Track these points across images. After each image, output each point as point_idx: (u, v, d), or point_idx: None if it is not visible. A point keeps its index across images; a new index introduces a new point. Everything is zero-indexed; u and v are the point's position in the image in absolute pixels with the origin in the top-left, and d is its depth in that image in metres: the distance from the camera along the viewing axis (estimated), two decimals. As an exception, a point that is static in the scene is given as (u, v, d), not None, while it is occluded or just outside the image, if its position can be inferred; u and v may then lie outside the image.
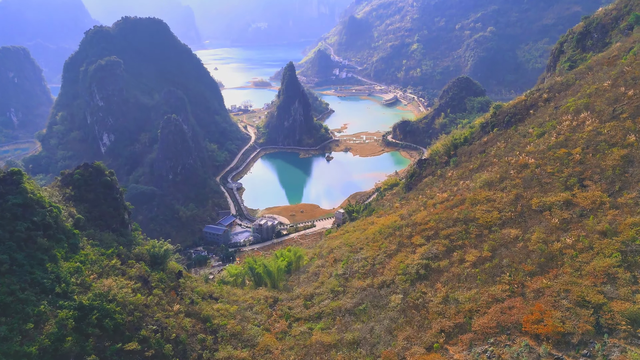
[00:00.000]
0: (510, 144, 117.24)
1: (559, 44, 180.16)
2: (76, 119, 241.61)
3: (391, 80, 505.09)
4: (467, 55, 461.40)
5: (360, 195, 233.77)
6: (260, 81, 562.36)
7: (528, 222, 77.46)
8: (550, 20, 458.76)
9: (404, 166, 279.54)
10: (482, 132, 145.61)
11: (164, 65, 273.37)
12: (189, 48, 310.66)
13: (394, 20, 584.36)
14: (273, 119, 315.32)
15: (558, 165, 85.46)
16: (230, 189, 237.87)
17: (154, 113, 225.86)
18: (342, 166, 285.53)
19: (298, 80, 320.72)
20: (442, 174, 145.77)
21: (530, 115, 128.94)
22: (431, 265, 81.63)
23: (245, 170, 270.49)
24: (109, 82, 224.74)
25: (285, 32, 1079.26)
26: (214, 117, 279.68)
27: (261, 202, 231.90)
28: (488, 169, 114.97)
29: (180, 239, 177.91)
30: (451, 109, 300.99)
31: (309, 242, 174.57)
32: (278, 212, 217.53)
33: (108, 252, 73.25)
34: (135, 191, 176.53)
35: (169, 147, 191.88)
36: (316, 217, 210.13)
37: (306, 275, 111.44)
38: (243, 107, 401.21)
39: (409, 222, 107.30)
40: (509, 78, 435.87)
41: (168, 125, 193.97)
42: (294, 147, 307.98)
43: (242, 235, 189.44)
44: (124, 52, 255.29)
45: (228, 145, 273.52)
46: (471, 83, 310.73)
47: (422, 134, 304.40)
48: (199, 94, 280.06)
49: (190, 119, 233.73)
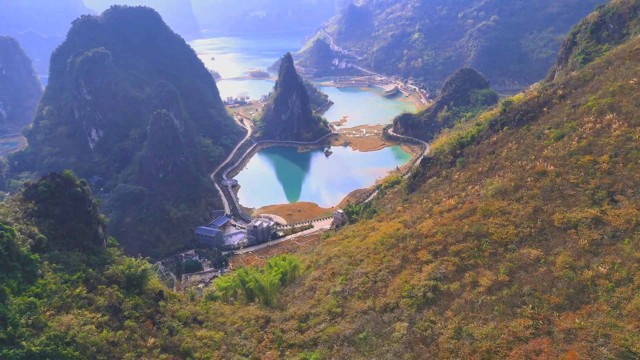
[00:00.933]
0: (524, 145, 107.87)
1: (571, 35, 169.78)
2: (63, 114, 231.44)
3: (392, 71, 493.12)
4: (470, 45, 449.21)
5: (360, 193, 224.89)
6: (258, 72, 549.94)
7: (550, 242, 68.57)
8: (556, 9, 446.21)
9: (405, 161, 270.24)
10: (490, 131, 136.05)
11: (156, 56, 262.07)
12: (182, 38, 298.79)
13: (394, 9, 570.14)
14: (270, 112, 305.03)
15: (582, 175, 76.28)
16: (224, 186, 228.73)
17: (144, 107, 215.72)
18: (341, 161, 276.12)
19: (296, 72, 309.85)
20: (447, 176, 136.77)
21: (544, 114, 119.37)
22: (440, 287, 72.89)
23: (241, 166, 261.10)
24: (96, 74, 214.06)
25: (284, 21, 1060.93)
26: (208, 110, 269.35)
27: (257, 200, 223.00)
28: (499, 174, 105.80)
29: (171, 242, 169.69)
30: (454, 102, 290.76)
31: (306, 245, 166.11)
32: (274, 211, 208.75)
33: (73, 278, 64.36)
34: (123, 191, 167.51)
35: (159, 144, 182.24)
36: (314, 217, 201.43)
37: (302, 289, 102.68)
38: (240, 99, 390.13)
39: (414, 232, 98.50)
40: (512, 68, 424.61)
41: (158, 120, 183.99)
42: (292, 141, 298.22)
43: (237, 236, 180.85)
44: (113, 43, 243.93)
45: (223, 139, 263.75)
46: (475, 75, 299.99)
47: (424, 128, 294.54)
48: (192, 86, 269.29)
49: (182, 113, 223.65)
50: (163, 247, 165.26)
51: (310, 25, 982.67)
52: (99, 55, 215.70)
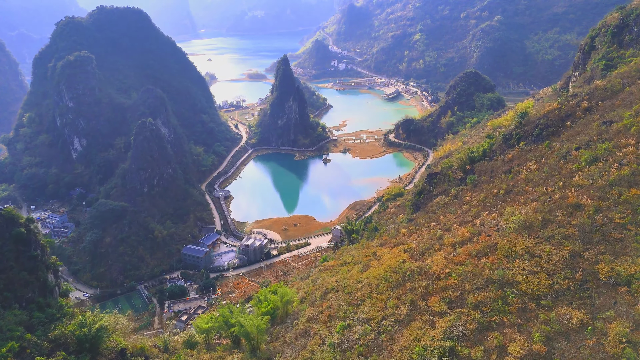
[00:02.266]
0: (546, 167, 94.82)
1: (589, 39, 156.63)
2: (45, 121, 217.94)
3: (392, 73, 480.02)
4: (473, 46, 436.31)
5: (360, 205, 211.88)
6: (255, 73, 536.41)
7: (597, 301, 55.68)
8: (561, 9, 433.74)
9: (407, 169, 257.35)
10: (505, 146, 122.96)
11: (144, 59, 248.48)
12: (172, 40, 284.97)
13: (395, 9, 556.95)
14: (266, 117, 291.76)
15: (630, 214, 63.26)
16: (216, 198, 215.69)
17: (130, 114, 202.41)
18: (340, 169, 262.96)
19: (293, 75, 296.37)
20: (457, 195, 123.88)
21: (567, 129, 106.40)
22: (458, 351, 59.94)
23: (235, 175, 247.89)
24: (79, 79, 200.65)
25: (282, 21, 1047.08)
26: (200, 116, 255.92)
27: (251, 212, 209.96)
28: (519, 199, 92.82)
29: (155, 263, 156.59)
30: (459, 107, 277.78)
31: (302, 268, 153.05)
32: (269, 225, 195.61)
33: (2, 352, 51.04)
34: (103, 208, 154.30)
35: (144, 155, 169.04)
36: (311, 233, 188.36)
37: (294, 332, 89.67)
38: (235, 103, 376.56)
39: (422, 268, 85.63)
40: (517, 70, 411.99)
41: (142, 130, 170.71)
42: (289, 147, 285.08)
43: (227, 256, 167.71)
44: (98, 46, 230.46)
45: (216, 147, 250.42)
46: (480, 78, 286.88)
47: (427, 134, 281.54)
48: (183, 90, 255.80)
49: (171, 120, 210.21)
50: (146, 269, 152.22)
51: (309, 25, 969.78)
52: (81, 60, 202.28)
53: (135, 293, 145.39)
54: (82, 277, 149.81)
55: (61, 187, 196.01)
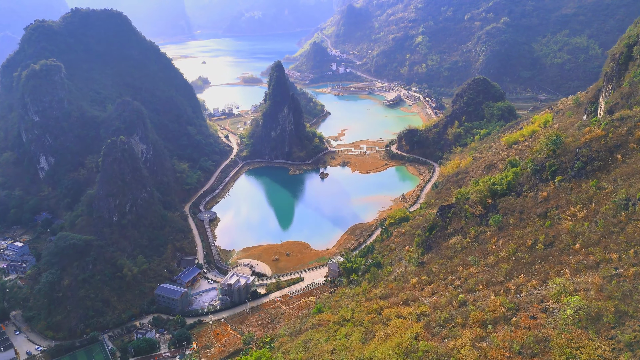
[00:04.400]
0: (601, 218, 73.65)
1: (625, 47, 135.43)
2: (10, 137, 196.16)
3: (393, 77, 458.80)
4: (478, 49, 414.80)
5: (361, 230, 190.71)
6: (250, 77, 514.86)
7: None
8: (571, 10, 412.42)
9: (411, 185, 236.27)
10: (535, 179, 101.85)
11: (124, 67, 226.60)
12: (156, 46, 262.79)
13: (396, 10, 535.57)
14: (258, 127, 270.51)
15: None
16: (201, 221, 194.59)
17: (104, 130, 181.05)
18: (338, 185, 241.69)
19: (287, 82, 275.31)
20: (478, 238, 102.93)
21: (619, 163, 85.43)
22: None
23: (223, 192, 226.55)
24: (45, 91, 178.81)
25: (280, 22, 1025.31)
26: (186, 128, 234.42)
27: (239, 237, 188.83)
28: (566, 260, 71.87)
29: (124, 306, 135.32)
30: (466, 117, 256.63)
31: (293, 313, 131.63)
32: (258, 254, 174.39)
33: None
34: (63, 243, 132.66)
35: (114, 180, 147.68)
36: (305, 264, 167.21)
37: None
38: (227, 110, 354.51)
39: (442, 356, 64.75)
40: (525, 75, 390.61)
41: (112, 151, 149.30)
42: (283, 161, 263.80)
43: (208, 295, 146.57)
44: (70, 52, 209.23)
45: (203, 162, 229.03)
46: (489, 85, 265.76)
47: (433, 146, 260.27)
48: (167, 100, 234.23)
49: (150, 135, 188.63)
50: (112, 315, 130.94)
51: (307, 26, 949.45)
52: (47, 69, 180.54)
53: (97, 345, 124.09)
54: (36, 325, 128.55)
55: (25, 212, 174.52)
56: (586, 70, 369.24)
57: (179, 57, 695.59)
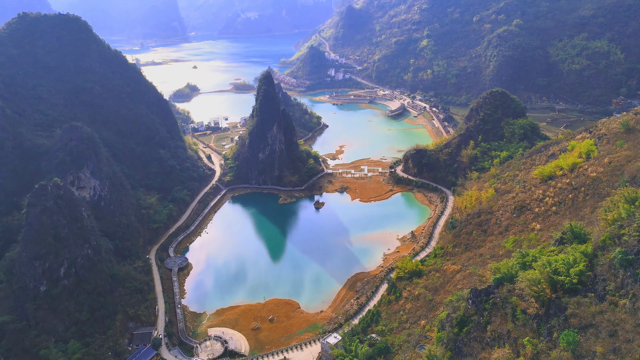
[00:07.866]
0: None
1: None
2: None
3: (396, 84, 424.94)
4: (489, 54, 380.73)
5: (362, 283, 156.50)
6: (243, 84, 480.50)
7: None
8: (589, 11, 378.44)
9: (421, 216, 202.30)
10: (625, 274, 68.07)
11: (81, 82, 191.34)
12: (123, 56, 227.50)
13: (398, 11, 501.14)
14: (244, 147, 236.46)
15: None
16: (168, 270, 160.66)
17: (46, 162, 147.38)
18: (336, 219, 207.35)
19: (277, 97, 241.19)
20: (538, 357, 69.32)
21: None
22: None
23: (199, 229, 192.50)
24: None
25: (277, 23, 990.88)
26: (157, 151, 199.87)
27: (213, 293, 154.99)
28: None
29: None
30: (483, 136, 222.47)
31: None
32: (234, 319, 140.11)
33: None
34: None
35: (43, 237, 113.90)
36: (293, 334, 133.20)
37: None
38: (213, 124, 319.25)
39: None
40: (540, 82, 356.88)
41: (39, 200, 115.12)
42: (272, 186, 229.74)
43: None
44: (11, 66, 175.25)
45: (176, 192, 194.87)
46: (509, 99, 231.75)
47: (445, 169, 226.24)
48: (135, 119, 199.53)
49: (105, 168, 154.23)
50: None
51: (305, 27, 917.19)
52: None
53: None
54: None
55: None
56: (607, 77, 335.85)
57: (169, 61, 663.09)
